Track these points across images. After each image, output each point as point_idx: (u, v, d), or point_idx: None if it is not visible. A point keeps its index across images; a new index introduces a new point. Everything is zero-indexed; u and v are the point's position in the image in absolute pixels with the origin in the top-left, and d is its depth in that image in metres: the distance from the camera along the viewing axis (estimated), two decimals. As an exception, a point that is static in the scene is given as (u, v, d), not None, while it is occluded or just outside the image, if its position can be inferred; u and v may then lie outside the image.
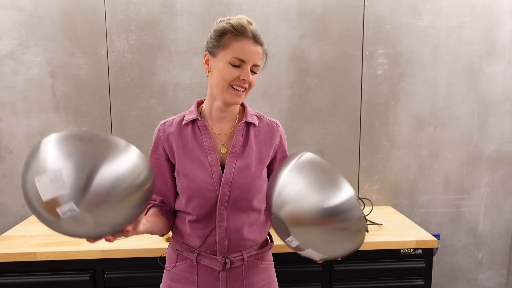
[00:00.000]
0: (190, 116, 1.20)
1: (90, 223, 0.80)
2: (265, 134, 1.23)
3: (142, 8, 2.00)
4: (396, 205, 2.22)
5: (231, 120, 1.22)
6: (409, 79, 2.14)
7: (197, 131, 1.19)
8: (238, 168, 1.16)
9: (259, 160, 1.20)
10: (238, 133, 1.20)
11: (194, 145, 1.18)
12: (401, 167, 2.20)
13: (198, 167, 1.16)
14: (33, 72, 2.00)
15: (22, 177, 0.80)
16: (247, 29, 1.08)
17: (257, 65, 1.11)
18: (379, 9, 2.08)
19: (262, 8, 2.04)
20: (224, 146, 1.20)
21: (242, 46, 1.08)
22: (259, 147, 1.21)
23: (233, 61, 1.09)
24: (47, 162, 0.77)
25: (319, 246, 0.95)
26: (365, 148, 2.17)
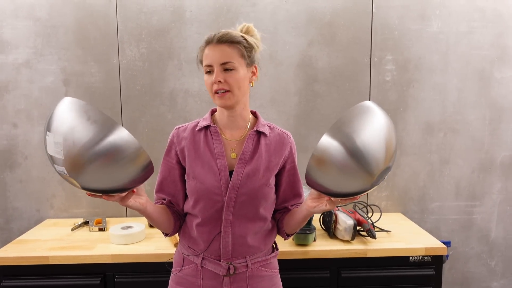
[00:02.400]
0: (204, 122, 1.25)
1: (79, 185, 0.94)
2: (276, 144, 1.26)
3: (153, 17, 2.04)
4: (406, 212, 2.20)
5: (243, 127, 1.25)
6: (418, 85, 2.14)
7: (209, 137, 1.24)
8: (246, 174, 1.19)
9: (268, 168, 1.22)
10: (249, 141, 1.23)
11: (205, 149, 1.22)
12: (411, 174, 2.19)
13: (208, 171, 1.20)
14: (47, 80, 2.06)
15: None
16: (212, 36, 1.15)
17: (225, 62, 1.13)
18: (388, 15, 2.09)
19: (270, 16, 2.07)
20: (233, 152, 1.23)
21: (206, 53, 1.15)
22: (268, 156, 1.23)
23: (205, 69, 1.17)
24: (57, 124, 0.90)
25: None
26: (374, 154, 2.16)
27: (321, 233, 1.84)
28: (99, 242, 1.76)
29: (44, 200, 2.13)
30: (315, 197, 1.12)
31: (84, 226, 1.99)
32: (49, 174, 2.11)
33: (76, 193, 2.13)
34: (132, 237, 1.75)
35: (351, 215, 1.78)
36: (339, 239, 1.75)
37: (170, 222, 1.25)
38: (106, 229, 1.92)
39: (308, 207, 1.13)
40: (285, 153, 1.25)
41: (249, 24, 1.22)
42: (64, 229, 1.95)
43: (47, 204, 2.13)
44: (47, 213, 2.14)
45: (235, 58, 1.14)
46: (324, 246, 1.68)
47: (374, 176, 0.94)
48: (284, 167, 1.27)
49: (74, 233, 1.90)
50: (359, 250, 1.66)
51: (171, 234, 1.29)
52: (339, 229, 1.72)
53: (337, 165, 0.94)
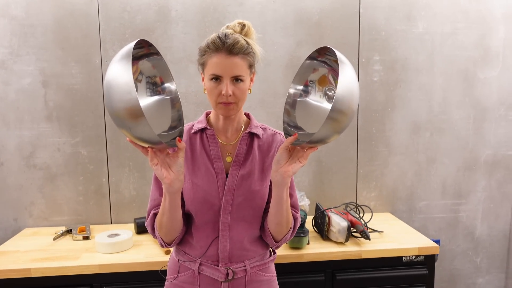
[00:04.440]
0: (199, 125, 1.22)
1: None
2: (268, 145, 1.24)
3: (137, 16, 1.97)
4: (395, 211, 2.22)
5: (237, 130, 1.23)
6: (405, 86, 2.15)
7: (205, 140, 1.21)
8: (240, 176, 1.18)
9: (262, 170, 1.21)
10: (242, 143, 1.21)
11: (202, 152, 1.20)
12: (399, 173, 2.20)
13: (205, 173, 1.18)
14: (24, 81, 1.95)
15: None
16: (222, 43, 1.07)
17: (237, 76, 1.09)
18: (375, 16, 2.09)
19: (258, 16, 2.04)
20: (229, 155, 1.21)
21: (216, 62, 1.08)
22: (262, 157, 1.22)
23: (211, 77, 1.09)
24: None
25: None
26: (363, 155, 2.17)
27: (314, 235, 1.82)
28: (84, 252, 1.68)
29: (22, 209, 2.02)
30: (284, 157, 1.06)
31: (67, 235, 1.90)
32: (27, 181, 2.00)
33: (56, 200, 2.03)
34: (120, 245, 1.68)
35: (344, 216, 1.76)
36: (332, 241, 1.74)
37: (182, 222, 1.17)
38: (90, 237, 1.84)
39: (284, 173, 1.05)
40: (273, 150, 1.23)
41: (246, 22, 1.17)
42: (45, 238, 1.86)
43: (25, 212, 2.03)
44: (26, 222, 2.03)
45: (245, 70, 1.10)
46: (318, 249, 1.66)
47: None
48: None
49: (56, 242, 1.81)
50: (353, 252, 1.64)
51: (175, 242, 1.20)
52: (333, 231, 1.70)
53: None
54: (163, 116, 1.09)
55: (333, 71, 1.10)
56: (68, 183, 2.03)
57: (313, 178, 2.15)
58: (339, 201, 2.16)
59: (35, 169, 2.00)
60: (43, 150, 2.00)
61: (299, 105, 1.17)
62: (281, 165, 1.06)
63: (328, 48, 1.04)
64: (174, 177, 1.02)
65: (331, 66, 1.10)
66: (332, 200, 2.16)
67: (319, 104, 1.13)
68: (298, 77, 1.17)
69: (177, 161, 1.02)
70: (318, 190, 2.16)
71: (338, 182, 2.17)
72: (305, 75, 1.15)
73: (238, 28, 1.14)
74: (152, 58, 1.06)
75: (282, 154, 1.05)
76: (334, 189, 2.17)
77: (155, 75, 1.08)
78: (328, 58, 1.09)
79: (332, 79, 1.10)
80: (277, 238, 1.20)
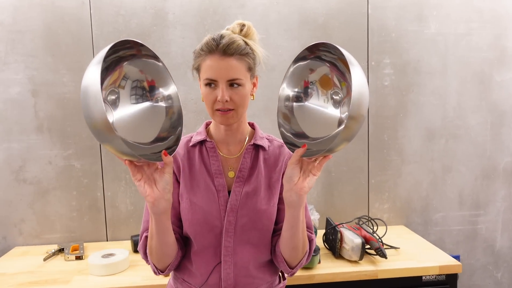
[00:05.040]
0: (198, 137, 1.11)
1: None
2: (275, 158, 1.11)
3: (132, 20, 1.86)
4: (409, 224, 2.08)
5: (240, 142, 1.11)
6: (417, 90, 2.03)
7: (205, 153, 1.10)
8: (244, 193, 1.05)
9: (269, 186, 1.08)
10: (246, 156, 1.09)
11: (201, 167, 1.08)
12: (413, 183, 2.07)
13: (204, 191, 1.06)
14: (13, 91, 1.83)
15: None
16: (216, 43, 0.97)
17: (233, 79, 0.97)
18: (384, 16, 1.98)
19: (260, 18, 1.92)
20: (231, 170, 1.09)
21: (210, 65, 0.98)
22: (268, 171, 1.10)
23: (206, 82, 0.99)
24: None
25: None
26: (374, 164, 2.04)
27: (325, 252, 1.69)
28: (76, 274, 1.55)
29: (11, 226, 1.89)
30: (296, 172, 0.92)
31: (59, 254, 1.76)
32: (16, 197, 1.88)
33: (48, 217, 1.90)
34: (115, 267, 1.54)
35: (357, 231, 1.63)
36: (345, 259, 1.60)
37: (175, 246, 1.03)
38: (84, 257, 1.71)
39: (300, 190, 0.92)
40: (280, 164, 1.10)
41: (247, 22, 1.07)
42: (36, 258, 1.73)
43: (14, 230, 1.90)
44: (15, 241, 1.90)
45: (243, 73, 0.99)
46: (331, 269, 1.52)
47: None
48: (282, 180, 1.10)
49: (47, 263, 1.68)
50: (369, 272, 1.51)
51: (169, 269, 1.06)
52: (346, 248, 1.57)
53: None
54: (153, 126, 0.96)
55: (337, 71, 0.96)
56: (61, 198, 1.90)
57: (322, 190, 2.02)
58: (350, 214, 2.03)
59: (25, 184, 1.88)
60: (34, 164, 1.87)
61: (298, 110, 1.02)
62: (295, 182, 0.92)
63: (325, 44, 0.91)
64: (158, 196, 0.89)
65: (332, 64, 0.96)
66: (342, 213, 2.03)
67: (323, 109, 0.99)
68: (293, 77, 1.02)
69: (163, 177, 0.89)
70: (328, 203, 2.03)
71: (349, 194, 2.04)
72: (301, 76, 1.01)
73: (237, 28, 1.04)
74: (143, 61, 0.94)
75: (294, 169, 0.92)
76: (344, 201, 2.03)
77: (143, 79, 0.95)
78: (324, 55, 0.96)
79: (338, 81, 0.97)
80: (292, 264, 1.06)
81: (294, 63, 1.00)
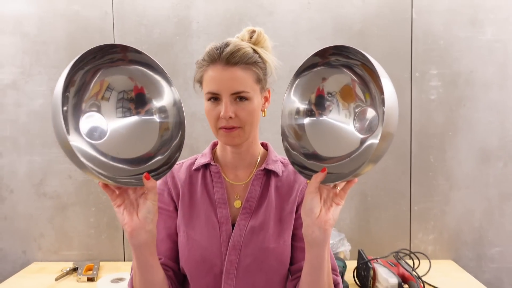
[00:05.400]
0: (203, 159, 0.98)
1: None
2: (289, 185, 0.96)
3: (154, 29, 1.78)
4: (459, 259, 1.81)
5: (250, 166, 0.97)
6: (470, 104, 1.77)
7: (209, 179, 0.97)
8: (250, 228, 0.91)
9: (280, 219, 0.92)
10: (255, 183, 0.94)
11: (203, 195, 0.95)
12: (464, 212, 1.80)
13: (205, 224, 0.92)
14: (36, 103, 1.81)
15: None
16: (218, 52, 0.85)
17: (238, 92, 0.84)
18: (431, 21, 1.75)
19: (290, 26, 1.77)
20: (238, 199, 0.95)
21: (212, 77, 0.86)
22: (280, 202, 0.94)
23: (208, 96, 0.88)
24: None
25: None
26: (418, 189, 1.80)
27: (356, 290, 1.48)
28: (84, 298, 1.46)
29: (31, 240, 1.86)
30: (316, 203, 0.76)
31: (72, 274, 1.69)
32: (37, 211, 1.84)
33: (67, 233, 1.84)
34: (122, 293, 1.44)
35: (394, 269, 1.41)
36: (379, 301, 1.38)
37: (164, 286, 0.88)
38: (95, 279, 1.62)
39: (325, 224, 0.76)
40: (294, 193, 0.94)
41: (258, 28, 0.94)
42: (49, 277, 1.66)
43: (34, 244, 1.86)
44: (35, 256, 1.86)
45: (250, 84, 0.86)
46: (361, 312, 1.32)
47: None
48: (296, 213, 0.94)
49: (58, 283, 1.60)
50: (406, 319, 1.28)
51: None
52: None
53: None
54: (141, 144, 0.84)
55: (359, 80, 0.81)
56: (79, 214, 1.84)
57: (355, 216, 1.81)
58: (387, 245, 1.79)
59: (45, 198, 1.84)
60: (54, 177, 1.83)
61: (311, 126, 0.87)
62: (317, 215, 0.76)
63: (347, 49, 0.76)
64: (137, 225, 0.76)
65: (353, 72, 0.81)
66: (379, 243, 1.80)
67: (344, 125, 0.84)
68: (302, 88, 0.88)
69: (146, 204, 0.76)
70: (362, 231, 1.81)
71: (387, 222, 1.80)
72: (312, 86, 0.87)
73: (247, 36, 0.92)
74: (132, 68, 0.82)
75: (313, 199, 0.77)
76: (381, 230, 1.81)
77: (131, 89, 0.83)
78: (337, 59, 0.81)
79: (362, 92, 0.82)
80: None
81: (302, 73, 0.86)
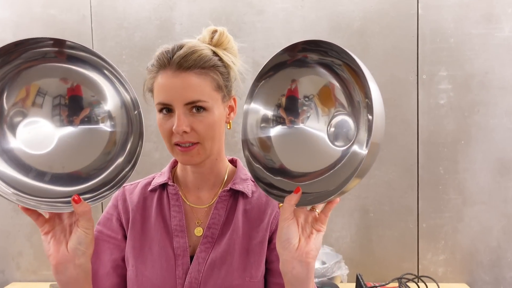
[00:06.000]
0: (160, 179, 0.84)
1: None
2: (259, 208, 0.81)
3: (135, 33, 1.66)
4: (474, 283, 1.64)
5: (215, 186, 0.84)
6: (485, 110, 1.60)
7: (165, 201, 0.83)
8: (211, 262, 0.77)
9: (247, 250, 0.78)
10: (219, 206, 0.81)
11: (157, 221, 0.81)
12: (479, 230, 1.63)
13: (158, 256, 0.78)
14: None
15: None
16: (168, 56, 0.72)
17: (193, 101, 0.71)
18: (440, 17, 1.58)
19: (282, 26, 1.62)
20: (199, 225, 0.81)
21: (161, 85, 0.72)
22: (249, 229, 0.79)
23: (158, 108, 0.74)
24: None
25: None
26: (426, 204, 1.63)
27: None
28: (53, 327, 1.33)
29: (9, 259, 1.75)
30: (294, 231, 0.64)
31: (49, 297, 1.58)
32: (14, 228, 1.74)
33: (45, 252, 1.73)
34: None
35: (396, 300, 1.24)
36: (378, 338, 1.21)
37: None
38: (71, 304, 1.49)
39: (306, 255, 0.64)
40: (267, 219, 0.80)
41: (220, 28, 0.81)
42: (24, 300, 1.55)
43: (12, 264, 1.75)
44: (13, 275, 1.76)
45: (208, 92, 0.73)
46: None
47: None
48: (271, 243, 0.80)
49: (31, 308, 1.49)
50: None
51: None
52: (378, 324, 1.19)
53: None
54: (81, 158, 0.71)
55: (339, 79, 0.69)
56: (58, 232, 1.73)
57: (356, 234, 1.64)
58: (392, 267, 1.63)
59: (22, 214, 1.71)
60: (32, 192, 1.72)
61: (280, 136, 0.75)
62: (295, 246, 0.64)
63: (329, 44, 0.67)
64: (65, 259, 0.64)
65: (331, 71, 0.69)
66: (382, 265, 1.64)
67: (319, 134, 0.71)
68: (269, 91, 0.75)
69: (76, 233, 0.64)
70: (364, 252, 1.64)
71: (392, 241, 1.64)
72: (279, 89, 0.74)
73: (207, 37, 0.79)
74: (70, 66, 0.70)
75: (290, 227, 0.64)
76: (385, 250, 1.64)
77: (65, 93, 0.71)
78: (311, 57, 0.70)
79: (344, 95, 0.70)
80: None
81: (266, 74, 0.73)
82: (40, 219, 0.64)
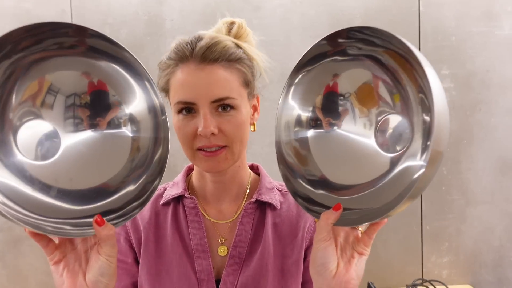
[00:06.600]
0: (174, 190, 0.74)
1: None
2: (291, 221, 0.72)
3: (121, 29, 1.53)
4: (478, 283, 1.63)
5: (238, 197, 0.74)
6: (487, 108, 1.60)
7: (182, 217, 0.72)
8: (241, 286, 0.67)
9: (281, 271, 0.69)
10: (245, 221, 0.71)
11: (174, 240, 0.71)
12: (482, 230, 1.62)
13: (177, 282, 0.68)
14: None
15: None
16: (189, 48, 0.63)
17: (221, 98, 0.62)
18: (441, 15, 1.57)
19: (280, 23, 1.55)
20: (223, 244, 0.71)
21: (183, 81, 0.63)
22: (281, 246, 0.71)
23: (178, 108, 0.64)
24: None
25: None
26: (430, 206, 1.61)
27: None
28: None
29: (-20, 281, 1.58)
30: (331, 253, 0.55)
31: (28, 323, 1.42)
32: (-14, 246, 1.56)
33: (21, 271, 1.58)
34: None
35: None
36: None
37: None
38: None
39: (346, 283, 0.55)
40: (301, 233, 0.71)
41: (238, 19, 0.73)
42: (0, 327, 1.39)
43: (-16, 286, 1.58)
44: (-15, 299, 1.59)
45: (236, 88, 0.65)
46: None
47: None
48: (305, 260, 0.71)
49: (9, 337, 1.33)
50: None
51: None
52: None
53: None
54: (100, 170, 0.59)
55: (385, 75, 0.58)
56: (35, 248, 1.56)
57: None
58: (397, 268, 1.60)
59: (-5, 231, 1.56)
60: (6, 206, 1.56)
61: (316, 142, 0.65)
62: (332, 272, 0.54)
63: (371, 29, 0.53)
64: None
65: (376, 62, 0.58)
66: (387, 269, 1.60)
67: (363, 140, 0.61)
68: (303, 88, 0.65)
69: (99, 262, 0.53)
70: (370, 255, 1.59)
71: (396, 244, 1.61)
72: (315, 87, 0.64)
73: (224, 29, 0.69)
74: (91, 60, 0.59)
75: (327, 250, 0.55)
76: (390, 253, 1.61)
77: (85, 91, 0.59)
78: (355, 47, 0.59)
79: (389, 92, 0.59)
80: None
81: (304, 67, 0.63)
82: (50, 246, 0.52)
